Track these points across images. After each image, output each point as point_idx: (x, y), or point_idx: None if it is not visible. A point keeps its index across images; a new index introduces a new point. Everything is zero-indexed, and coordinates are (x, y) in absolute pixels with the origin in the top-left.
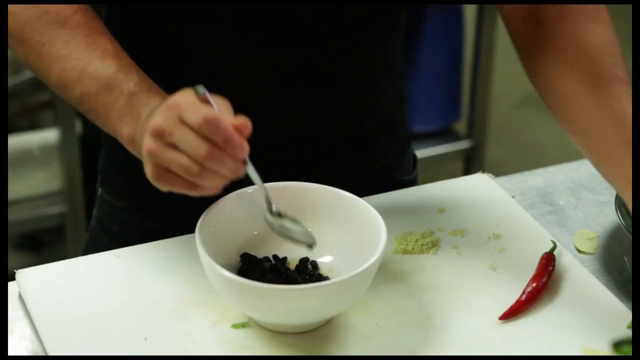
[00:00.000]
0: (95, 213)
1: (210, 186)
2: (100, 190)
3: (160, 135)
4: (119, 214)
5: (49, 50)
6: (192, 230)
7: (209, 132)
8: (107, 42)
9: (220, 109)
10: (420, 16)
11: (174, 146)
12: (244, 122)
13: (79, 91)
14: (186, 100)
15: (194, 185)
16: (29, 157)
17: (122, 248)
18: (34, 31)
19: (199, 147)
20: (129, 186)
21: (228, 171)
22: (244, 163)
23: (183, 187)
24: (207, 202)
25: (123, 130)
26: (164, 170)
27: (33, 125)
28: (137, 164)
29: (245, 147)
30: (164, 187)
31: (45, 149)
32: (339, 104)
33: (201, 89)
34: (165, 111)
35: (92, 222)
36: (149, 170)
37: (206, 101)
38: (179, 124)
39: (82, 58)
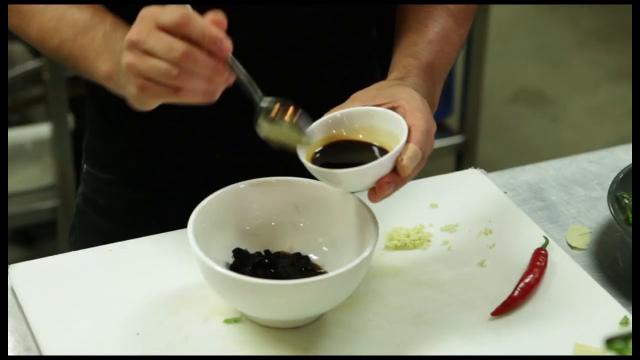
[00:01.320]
0: (80, 190)
1: (193, 88)
2: (85, 166)
3: (135, 45)
4: (105, 187)
5: (27, 7)
6: (176, 201)
7: (184, 29)
8: None
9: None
10: None
11: (150, 53)
12: (219, 16)
13: (58, 39)
14: (158, 8)
15: (177, 90)
16: (21, 151)
17: (114, 243)
18: None
19: (173, 49)
20: (114, 158)
21: (208, 70)
22: (227, 62)
23: (166, 95)
24: (192, 169)
25: (101, 68)
26: (146, 81)
27: (25, 120)
28: (121, 134)
29: (225, 42)
30: (149, 103)
31: (37, 143)
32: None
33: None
34: (138, 23)
35: (78, 199)
36: (131, 88)
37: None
38: (153, 30)
39: (58, 8)
